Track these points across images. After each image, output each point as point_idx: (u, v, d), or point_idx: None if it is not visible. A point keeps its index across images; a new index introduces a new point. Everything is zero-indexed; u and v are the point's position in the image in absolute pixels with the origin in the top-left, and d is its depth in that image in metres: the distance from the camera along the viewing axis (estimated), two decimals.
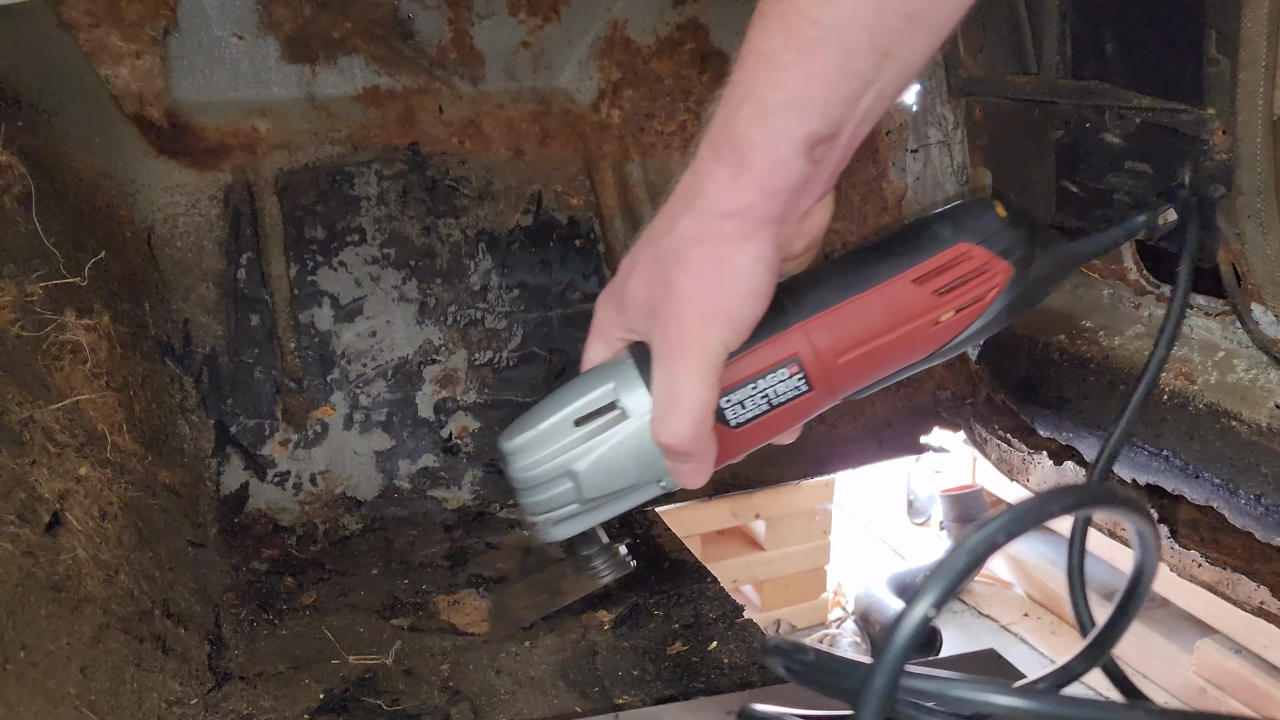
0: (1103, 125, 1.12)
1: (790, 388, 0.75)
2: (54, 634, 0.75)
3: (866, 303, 0.72)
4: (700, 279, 0.67)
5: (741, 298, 0.68)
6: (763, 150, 0.63)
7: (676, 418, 0.69)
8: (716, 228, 0.66)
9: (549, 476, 0.74)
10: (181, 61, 1.26)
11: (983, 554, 0.44)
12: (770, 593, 1.69)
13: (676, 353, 0.69)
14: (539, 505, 0.74)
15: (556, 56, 1.42)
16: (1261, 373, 1.03)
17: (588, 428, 0.73)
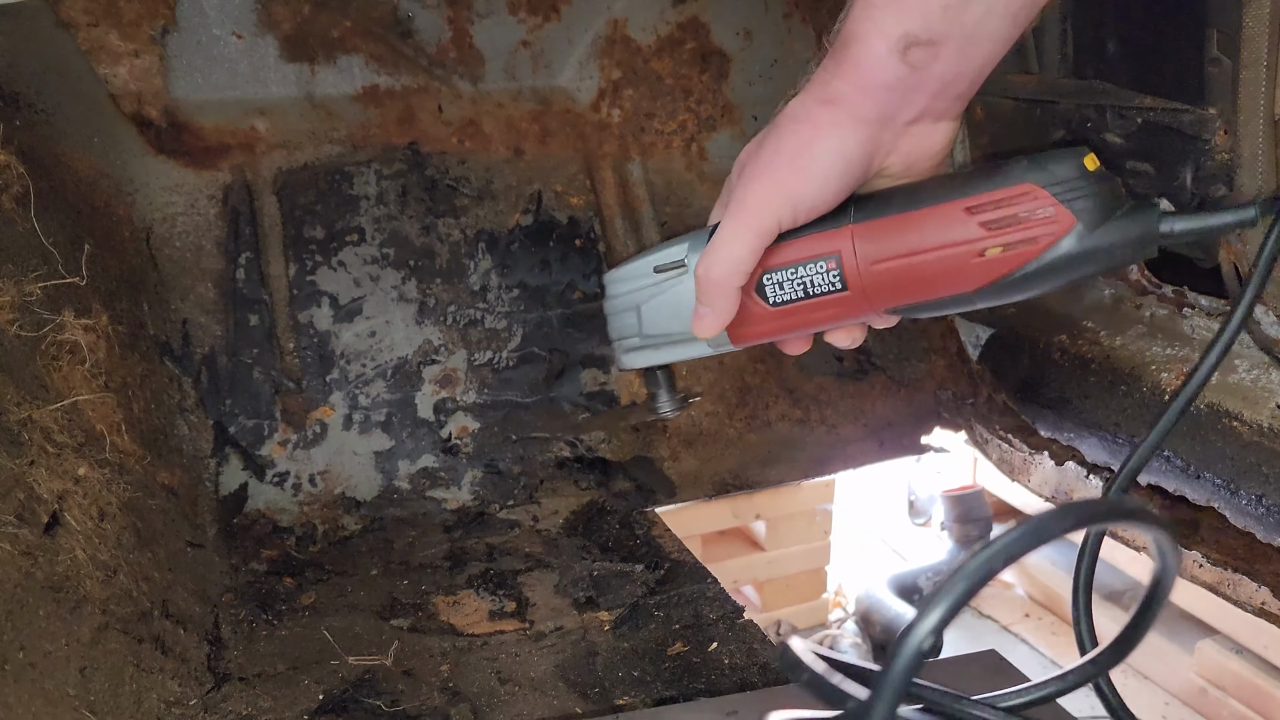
0: (1104, 125, 1.12)
1: (826, 282, 0.75)
2: (53, 634, 0.74)
3: (915, 219, 0.72)
4: (780, 153, 0.71)
5: (808, 179, 0.70)
6: (860, 44, 0.65)
7: (711, 261, 0.74)
8: (811, 111, 0.69)
9: (623, 308, 0.84)
10: (180, 60, 1.26)
11: (982, 579, 0.43)
12: (771, 593, 1.68)
13: (734, 209, 0.73)
14: (613, 332, 0.85)
15: (556, 56, 1.42)
16: (1263, 373, 1.03)
17: (660, 276, 0.82)
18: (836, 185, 0.70)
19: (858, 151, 0.69)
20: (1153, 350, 1.14)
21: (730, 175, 0.79)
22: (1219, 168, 0.99)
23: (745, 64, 1.50)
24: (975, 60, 0.66)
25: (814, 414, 1.43)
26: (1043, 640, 1.73)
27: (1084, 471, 1.23)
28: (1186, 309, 1.13)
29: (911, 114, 0.68)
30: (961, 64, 0.66)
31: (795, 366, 1.45)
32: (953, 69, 0.66)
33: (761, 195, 0.72)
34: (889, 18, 0.64)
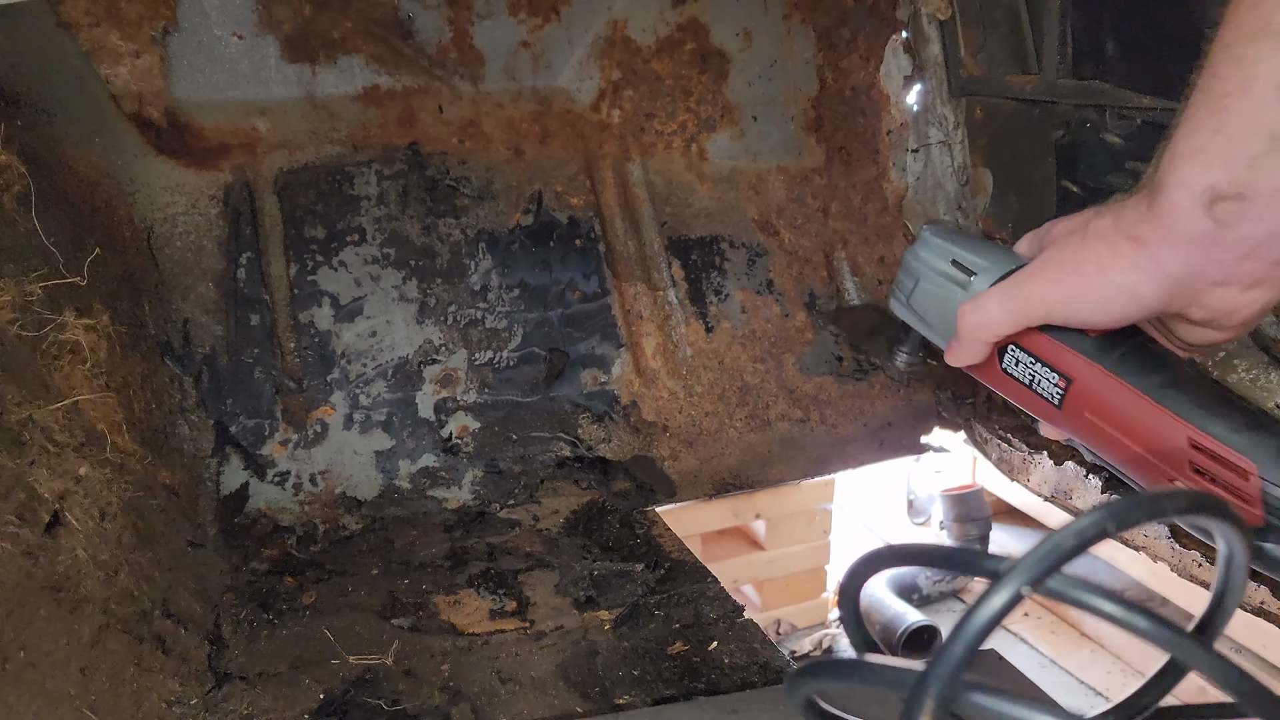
0: (1103, 125, 1.12)
1: (1048, 391, 0.80)
2: (53, 634, 0.74)
3: (1148, 411, 0.74)
4: (1077, 266, 0.72)
5: (1089, 302, 0.72)
6: (1167, 194, 0.63)
7: (975, 315, 0.80)
8: (1117, 241, 0.68)
9: (910, 270, 0.93)
10: (181, 61, 1.26)
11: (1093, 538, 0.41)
12: (771, 592, 1.68)
13: (1019, 283, 0.77)
14: (898, 280, 0.95)
15: (556, 56, 1.42)
16: (1262, 373, 1.03)
17: (949, 271, 0.90)
18: (1118, 316, 0.71)
19: (1151, 298, 0.68)
20: None
21: (1043, 230, 0.82)
22: None
23: (745, 64, 1.50)
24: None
25: (814, 414, 1.43)
26: (1042, 640, 1.73)
27: (1083, 471, 1.24)
28: None
29: (1219, 274, 0.65)
30: (1276, 222, 0.61)
31: (795, 367, 1.45)
32: (1265, 228, 0.62)
33: (1044, 290, 0.74)
34: (1192, 169, 0.62)
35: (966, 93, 1.37)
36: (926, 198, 1.47)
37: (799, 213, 1.53)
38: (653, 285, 1.42)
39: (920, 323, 0.94)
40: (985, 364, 0.84)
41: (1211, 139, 0.61)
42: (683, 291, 1.44)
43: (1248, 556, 0.49)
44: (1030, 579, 0.41)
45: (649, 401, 1.37)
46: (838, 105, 1.52)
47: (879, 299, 1.51)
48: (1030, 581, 0.41)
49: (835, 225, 1.53)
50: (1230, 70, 0.59)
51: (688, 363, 1.41)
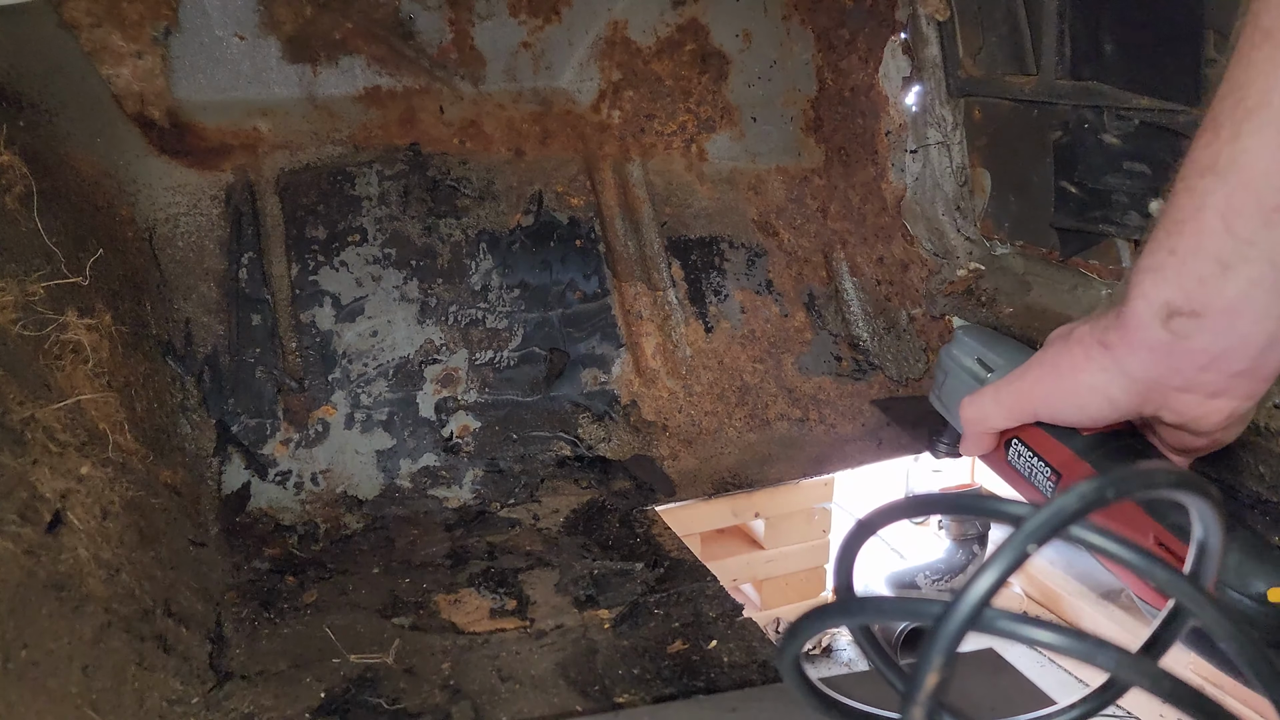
0: (1101, 126, 1.13)
1: (1042, 483, 0.86)
2: (55, 633, 0.75)
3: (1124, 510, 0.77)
4: (1056, 367, 0.78)
5: (1066, 404, 0.78)
6: (1131, 304, 0.68)
7: (973, 409, 0.87)
8: (1089, 347, 0.74)
9: (943, 366, 1.03)
10: (183, 61, 1.26)
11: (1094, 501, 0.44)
12: (770, 591, 1.69)
13: (1007, 384, 0.84)
14: (935, 375, 1.05)
15: (557, 57, 1.43)
16: None
17: (973, 367, 0.99)
18: (1094, 414, 0.76)
19: (1122, 399, 0.73)
20: None
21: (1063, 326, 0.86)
22: None
23: (744, 65, 1.50)
24: (1248, 337, 0.65)
25: (813, 413, 1.43)
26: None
27: None
28: None
29: (1180, 382, 0.70)
30: (1230, 339, 0.65)
31: (794, 367, 1.45)
32: (1220, 343, 0.66)
33: (1030, 389, 0.81)
34: (1151, 284, 0.67)
35: (965, 93, 1.38)
36: (925, 198, 1.48)
37: (798, 213, 1.53)
38: (653, 285, 1.43)
39: (949, 415, 1.00)
40: (993, 455, 0.90)
41: (1167, 259, 0.66)
42: (682, 291, 1.44)
43: (1221, 540, 0.51)
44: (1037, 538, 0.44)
45: (649, 401, 1.38)
46: (837, 106, 1.53)
47: (876, 298, 1.51)
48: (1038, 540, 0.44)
49: (834, 225, 1.54)
50: (1185, 200, 0.64)
51: (687, 362, 1.41)
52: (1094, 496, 0.44)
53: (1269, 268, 0.62)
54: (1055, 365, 0.78)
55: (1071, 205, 1.19)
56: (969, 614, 0.43)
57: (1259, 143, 0.60)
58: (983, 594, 0.43)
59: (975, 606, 0.43)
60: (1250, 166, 0.61)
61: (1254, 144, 0.61)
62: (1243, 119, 0.61)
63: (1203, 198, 0.63)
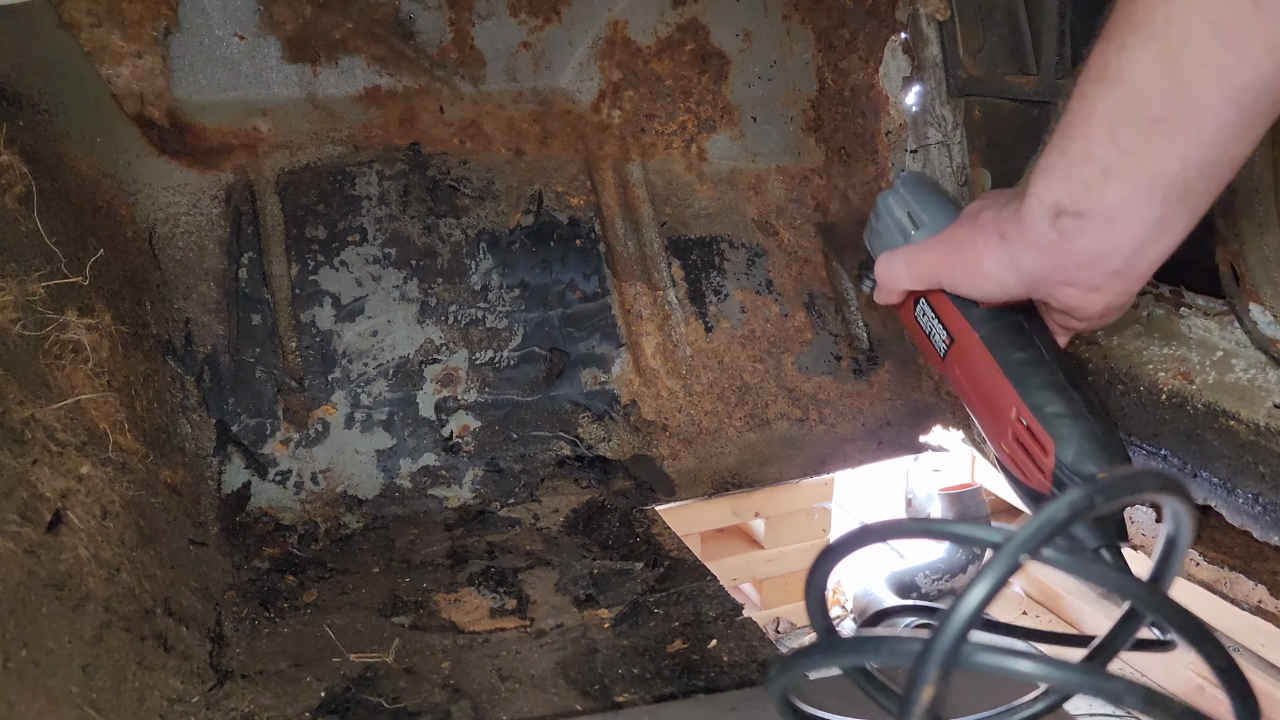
0: None
1: (938, 341, 0.96)
2: (55, 632, 0.75)
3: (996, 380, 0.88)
4: (961, 247, 0.84)
5: (966, 279, 0.85)
6: (1026, 202, 0.73)
7: (886, 267, 0.96)
8: (990, 234, 0.80)
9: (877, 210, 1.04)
10: (183, 61, 1.26)
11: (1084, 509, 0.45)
12: (770, 591, 1.69)
13: (918, 252, 0.92)
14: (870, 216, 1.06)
15: (557, 57, 1.43)
16: (1260, 372, 1.04)
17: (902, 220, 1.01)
18: (989, 295, 0.83)
19: (1013, 286, 0.80)
20: (1150, 349, 1.14)
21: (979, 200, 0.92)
22: None
23: (745, 65, 1.50)
24: (1124, 240, 0.69)
25: (813, 413, 1.43)
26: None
27: None
28: (1184, 308, 1.13)
29: (1062, 277, 0.75)
30: (1108, 240, 0.70)
31: (794, 366, 1.45)
32: (1099, 244, 0.70)
33: (936, 261, 0.89)
34: (1044, 184, 0.71)
35: (965, 93, 1.38)
36: None
37: (798, 213, 1.53)
38: (653, 285, 1.43)
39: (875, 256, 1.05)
40: (902, 307, 1.00)
41: (1058, 161, 0.70)
42: (682, 291, 1.44)
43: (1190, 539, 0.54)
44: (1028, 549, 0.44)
45: (649, 401, 1.38)
46: (837, 106, 1.53)
47: None
48: (1028, 550, 0.44)
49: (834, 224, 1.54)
50: (1077, 105, 0.68)
51: (687, 362, 1.41)
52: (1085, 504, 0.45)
53: (1145, 177, 0.66)
54: (959, 246, 0.84)
55: None
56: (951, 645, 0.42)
57: (1142, 55, 0.63)
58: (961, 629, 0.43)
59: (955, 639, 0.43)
60: (1134, 78, 0.64)
61: (1138, 56, 0.64)
62: (1128, 32, 0.64)
63: (1092, 104, 0.67)
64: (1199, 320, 1.11)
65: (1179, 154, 0.64)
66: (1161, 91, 0.63)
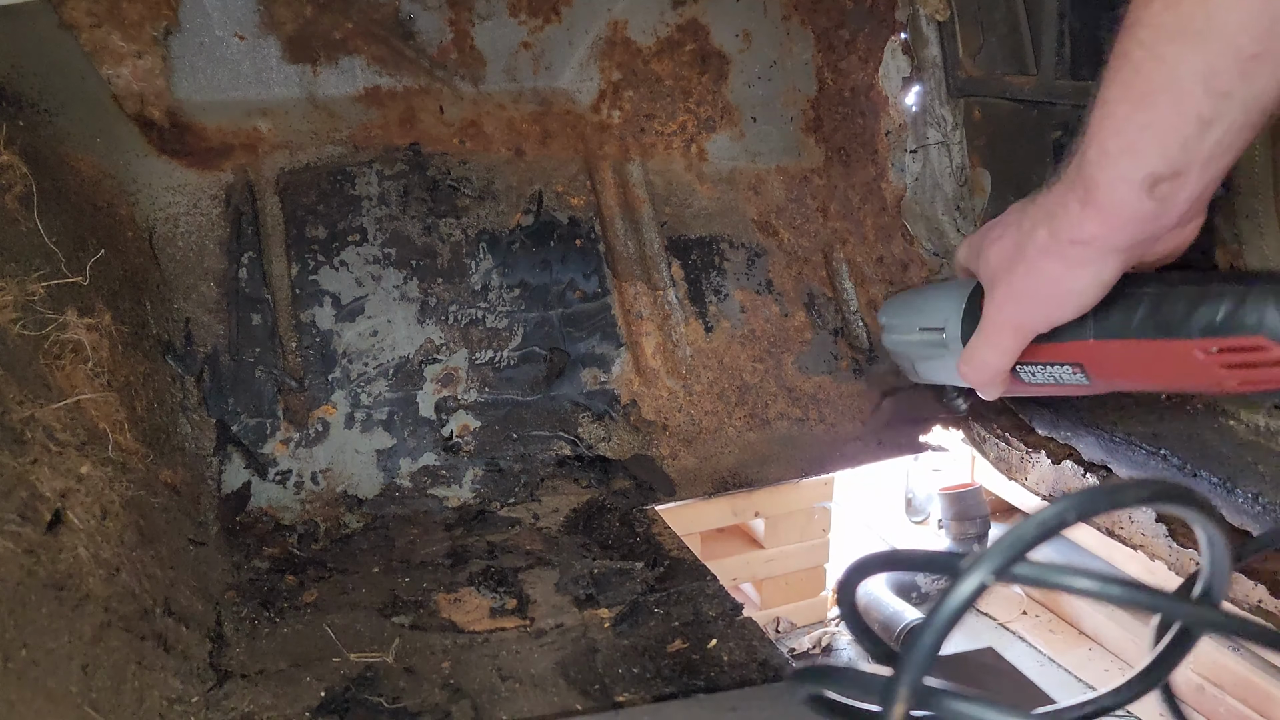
0: None
1: (1073, 380, 0.89)
2: (55, 632, 0.75)
3: (1152, 350, 0.81)
4: (1037, 287, 0.80)
5: (1065, 309, 0.81)
6: (1106, 190, 0.71)
7: (976, 372, 0.91)
8: (1064, 250, 0.76)
9: (899, 355, 1.12)
10: (183, 61, 1.26)
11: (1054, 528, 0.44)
12: (770, 590, 1.69)
13: (993, 329, 0.87)
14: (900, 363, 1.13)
15: (557, 57, 1.43)
16: None
17: (923, 339, 1.03)
18: (1091, 303, 0.80)
19: (1112, 275, 0.77)
20: None
21: (969, 241, 0.92)
22: None
23: (744, 65, 1.50)
24: (1217, 174, 0.70)
25: (813, 413, 1.43)
26: (1040, 638, 1.73)
27: (1080, 470, 1.24)
28: None
29: (1163, 233, 0.75)
30: (1205, 183, 0.70)
31: (794, 366, 1.45)
32: (1198, 189, 0.71)
33: (1017, 321, 0.84)
34: (1127, 165, 0.70)
35: (965, 94, 1.38)
36: (925, 198, 1.48)
37: (798, 213, 1.53)
38: (652, 285, 1.43)
39: (942, 382, 1.07)
40: (1012, 384, 0.94)
41: (1142, 135, 0.68)
42: (682, 291, 1.44)
43: (1224, 536, 0.52)
44: (994, 569, 0.43)
45: (649, 400, 1.38)
46: (837, 106, 1.53)
47: (876, 298, 1.51)
48: (995, 571, 0.43)
49: (834, 225, 1.54)
50: (1153, 69, 0.66)
51: (687, 362, 1.41)
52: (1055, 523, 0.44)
53: (1241, 112, 0.66)
54: (1036, 287, 0.80)
55: None
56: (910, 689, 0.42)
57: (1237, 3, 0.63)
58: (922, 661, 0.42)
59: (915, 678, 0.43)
60: (1226, 23, 0.63)
61: (1231, 4, 0.63)
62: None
63: (1175, 65, 0.65)
64: None
65: (1276, 80, 0.64)
66: (1261, 29, 0.62)
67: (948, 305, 0.98)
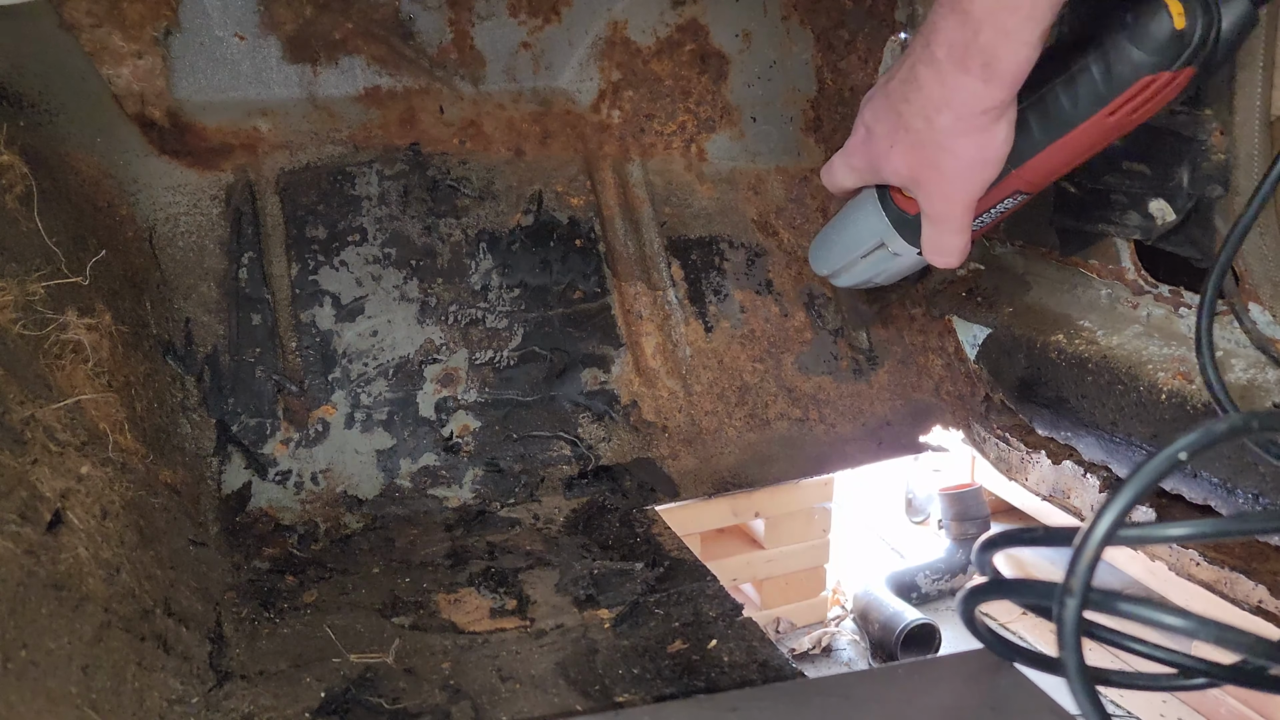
0: None
1: (1015, 203, 0.98)
2: (55, 633, 0.75)
3: (1070, 143, 0.90)
4: (965, 164, 0.87)
5: (995, 165, 0.87)
6: (1009, 58, 0.78)
7: (946, 256, 0.97)
8: (975, 122, 0.83)
9: (856, 284, 1.16)
10: (183, 62, 1.26)
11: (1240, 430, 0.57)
12: (770, 591, 1.69)
13: (943, 217, 0.93)
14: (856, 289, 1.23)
15: (557, 57, 1.43)
16: (1259, 372, 1.04)
17: (870, 259, 1.09)
18: (1008, 149, 0.86)
19: (1014, 116, 0.84)
20: (1150, 349, 1.15)
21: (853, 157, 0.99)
22: (1215, 168, 0.99)
23: (744, 65, 1.50)
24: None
25: (813, 413, 1.43)
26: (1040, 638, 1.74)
27: (1081, 470, 1.24)
28: (1183, 308, 1.13)
29: None
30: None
31: (794, 366, 1.46)
32: None
33: (963, 195, 0.89)
34: (1029, 31, 0.76)
35: None
36: None
37: (798, 213, 1.53)
38: (652, 285, 1.43)
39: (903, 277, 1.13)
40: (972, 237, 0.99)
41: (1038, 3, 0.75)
42: (682, 291, 1.44)
43: None
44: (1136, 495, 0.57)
45: (649, 401, 1.38)
46: (837, 106, 1.53)
47: (876, 298, 1.51)
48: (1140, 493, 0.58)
49: None
50: None
51: (687, 362, 1.41)
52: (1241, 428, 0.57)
53: None
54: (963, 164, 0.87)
55: (1071, 205, 1.19)
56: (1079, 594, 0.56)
57: None
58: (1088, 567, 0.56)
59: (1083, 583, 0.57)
60: None
61: None
62: None
63: None
64: None
65: None
66: None
67: (873, 223, 1.04)
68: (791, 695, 0.84)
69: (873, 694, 0.83)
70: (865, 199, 1.07)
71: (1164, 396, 1.10)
